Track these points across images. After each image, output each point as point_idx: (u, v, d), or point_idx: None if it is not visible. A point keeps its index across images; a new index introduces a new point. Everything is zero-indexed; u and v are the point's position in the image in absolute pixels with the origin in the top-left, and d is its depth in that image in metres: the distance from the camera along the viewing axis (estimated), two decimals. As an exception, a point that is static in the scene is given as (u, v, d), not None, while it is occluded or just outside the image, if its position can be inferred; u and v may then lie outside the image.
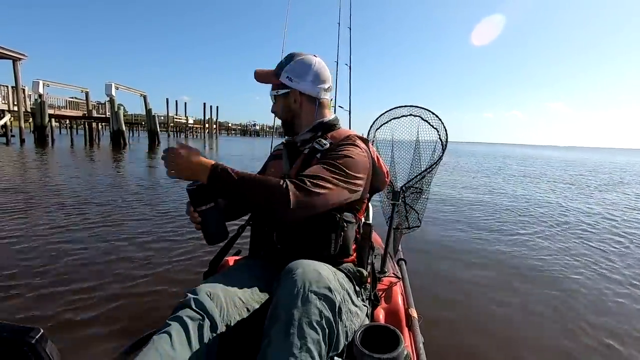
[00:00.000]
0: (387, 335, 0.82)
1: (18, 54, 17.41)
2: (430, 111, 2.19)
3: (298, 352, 0.72)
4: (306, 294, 0.77)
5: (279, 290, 0.80)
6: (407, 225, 2.05)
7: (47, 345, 0.48)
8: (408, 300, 1.34)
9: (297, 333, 0.74)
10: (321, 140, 1.13)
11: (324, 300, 0.79)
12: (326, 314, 0.78)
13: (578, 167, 18.00)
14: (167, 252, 3.04)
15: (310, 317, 0.75)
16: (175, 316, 0.80)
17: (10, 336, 0.46)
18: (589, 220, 5.09)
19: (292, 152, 1.19)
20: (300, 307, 0.76)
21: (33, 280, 2.37)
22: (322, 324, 0.77)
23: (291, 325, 0.74)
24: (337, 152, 1.04)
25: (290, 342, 0.73)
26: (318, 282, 0.80)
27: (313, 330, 0.75)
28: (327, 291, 0.80)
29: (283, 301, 0.78)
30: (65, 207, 4.52)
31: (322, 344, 0.76)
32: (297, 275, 0.80)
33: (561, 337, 2.01)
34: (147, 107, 24.94)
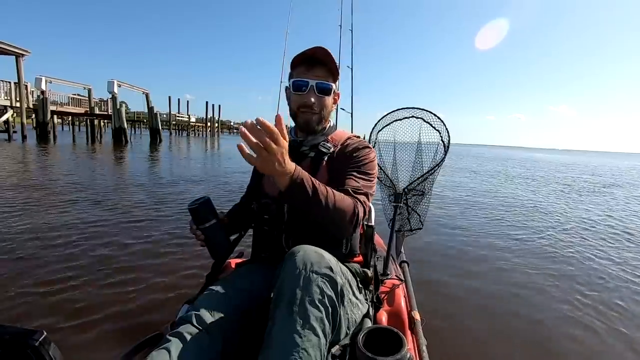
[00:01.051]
0: (390, 338, 0.81)
1: (21, 50, 17.43)
2: (432, 113, 2.19)
3: (301, 330, 0.73)
4: (308, 274, 0.78)
5: (282, 273, 0.81)
6: (409, 227, 2.05)
7: (50, 348, 0.48)
8: (411, 302, 1.33)
9: (300, 311, 0.75)
10: (325, 143, 1.10)
11: (325, 279, 0.80)
12: (328, 292, 0.79)
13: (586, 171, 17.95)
14: (173, 253, 3.05)
15: (313, 295, 0.76)
16: (175, 332, 0.79)
17: (13, 339, 0.46)
18: (597, 227, 5.06)
19: (294, 155, 1.12)
20: (302, 286, 0.77)
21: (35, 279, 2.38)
22: (325, 302, 0.77)
23: (294, 304, 0.75)
24: (363, 160, 1.06)
25: (293, 320, 0.74)
26: (319, 263, 0.81)
27: (315, 308, 0.76)
28: (328, 271, 0.81)
29: (285, 282, 0.79)
30: (58, 203, 4.53)
31: (325, 322, 0.77)
32: (299, 257, 0.81)
33: (566, 343, 2.00)
34: (149, 104, 24.99)
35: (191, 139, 32.32)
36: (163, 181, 7.09)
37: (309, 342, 0.73)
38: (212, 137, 42.04)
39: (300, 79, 1.06)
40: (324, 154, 1.08)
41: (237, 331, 0.86)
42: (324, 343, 0.77)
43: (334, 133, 1.16)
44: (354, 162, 1.06)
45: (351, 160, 1.07)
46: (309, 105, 1.06)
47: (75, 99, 23.34)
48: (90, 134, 21.62)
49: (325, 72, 1.07)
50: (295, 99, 1.09)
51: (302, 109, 1.09)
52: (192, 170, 9.45)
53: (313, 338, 0.74)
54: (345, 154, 1.10)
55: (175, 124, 41.31)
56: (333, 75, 1.10)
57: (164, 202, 5.00)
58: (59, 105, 21.31)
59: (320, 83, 1.06)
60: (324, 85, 1.07)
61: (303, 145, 1.12)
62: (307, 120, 1.09)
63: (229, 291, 0.93)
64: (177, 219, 4.09)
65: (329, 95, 1.09)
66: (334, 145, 1.11)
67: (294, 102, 1.10)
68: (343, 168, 1.06)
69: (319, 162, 1.07)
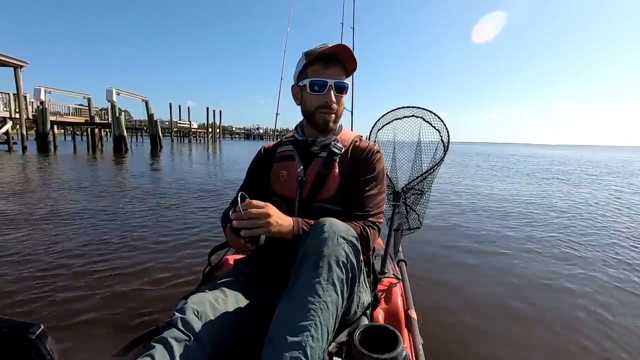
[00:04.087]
0: (386, 336, 0.82)
1: (19, 62, 17.54)
2: (432, 112, 2.19)
3: (325, 283, 0.77)
4: (335, 237, 0.82)
5: (309, 236, 0.84)
6: (408, 226, 2.05)
7: (47, 341, 0.48)
8: (408, 301, 1.33)
9: (326, 267, 0.78)
10: (336, 143, 1.11)
11: (351, 245, 0.83)
12: (352, 258, 0.83)
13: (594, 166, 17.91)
14: (174, 250, 3.09)
15: (338, 256, 0.80)
16: (159, 338, 0.75)
17: (10, 332, 0.46)
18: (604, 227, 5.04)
19: (303, 154, 1.13)
20: (330, 246, 0.80)
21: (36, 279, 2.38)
22: (347, 266, 0.81)
23: (320, 261, 0.79)
24: (374, 168, 1.10)
25: (318, 274, 0.77)
26: (347, 232, 0.85)
27: (339, 268, 0.79)
28: (354, 239, 0.85)
29: (313, 243, 0.82)
30: (54, 212, 4.54)
31: (344, 285, 0.80)
32: (327, 224, 0.85)
33: (567, 341, 1.99)
34: (149, 112, 25.12)
35: (192, 145, 32.44)
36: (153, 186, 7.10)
37: (329, 297, 0.77)
38: (214, 142, 42.18)
39: (320, 79, 1.03)
40: (336, 154, 1.09)
41: (226, 337, 0.84)
42: (340, 304, 0.80)
43: (342, 133, 1.16)
44: (366, 172, 1.08)
45: (363, 168, 1.09)
46: (329, 105, 1.05)
47: (76, 108, 23.47)
48: (90, 143, 21.70)
49: (340, 69, 1.06)
50: (313, 99, 1.07)
51: (321, 110, 1.07)
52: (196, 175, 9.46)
53: (333, 295, 0.77)
54: (356, 159, 1.11)
55: (177, 130, 41.52)
56: (347, 73, 1.08)
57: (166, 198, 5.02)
58: (59, 116, 21.41)
59: (338, 82, 1.05)
60: (342, 84, 1.06)
61: (314, 145, 1.12)
62: (325, 120, 1.08)
63: (221, 293, 0.90)
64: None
65: (346, 94, 1.10)
66: (344, 145, 1.12)
67: (312, 102, 1.07)
68: (354, 175, 1.08)
69: (331, 163, 1.08)
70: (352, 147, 1.13)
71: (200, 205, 5.33)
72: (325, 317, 0.75)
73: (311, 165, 1.09)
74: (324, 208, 1.04)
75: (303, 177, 1.07)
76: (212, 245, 1.17)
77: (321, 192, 1.06)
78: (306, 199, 1.06)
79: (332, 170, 1.07)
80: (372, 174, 1.08)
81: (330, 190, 1.05)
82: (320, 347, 0.73)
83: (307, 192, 1.06)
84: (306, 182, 1.07)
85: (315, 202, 1.05)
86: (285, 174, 1.10)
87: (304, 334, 0.72)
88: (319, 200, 1.05)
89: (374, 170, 1.09)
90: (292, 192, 1.08)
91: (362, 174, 1.08)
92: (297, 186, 1.07)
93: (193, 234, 3.73)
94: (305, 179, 1.07)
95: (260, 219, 0.82)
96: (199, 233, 3.78)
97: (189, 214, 4.71)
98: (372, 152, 1.12)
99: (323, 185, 1.06)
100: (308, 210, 1.04)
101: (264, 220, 0.83)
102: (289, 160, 1.12)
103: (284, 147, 1.17)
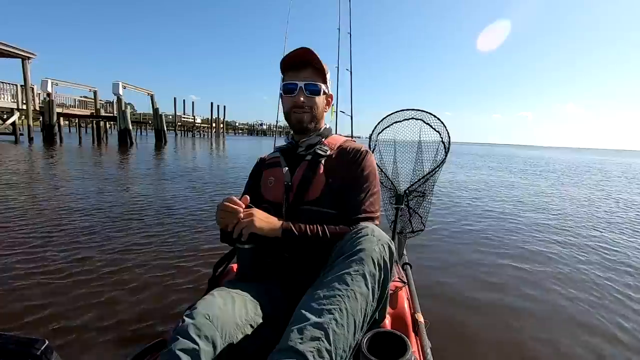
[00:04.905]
0: (394, 342, 0.79)
1: (27, 53, 17.61)
2: (432, 114, 2.19)
3: (355, 274, 0.77)
4: (371, 237, 0.83)
5: (346, 236, 0.87)
6: (411, 228, 2.05)
7: (52, 357, 0.49)
8: (414, 305, 1.32)
9: (358, 260, 0.79)
10: (322, 146, 1.13)
11: (385, 247, 0.84)
12: (385, 258, 0.83)
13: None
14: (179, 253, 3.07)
15: (371, 253, 0.80)
16: (169, 350, 0.73)
17: (15, 348, 0.47)
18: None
19: (290, 159, 1.16)
20: (363, 243, 0.81)
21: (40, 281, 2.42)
22: (381, 264, 0.81)
23: (353, 255, 0.80)
24: (363, 170, 1.09)
25: (348, 265, 0.78)
26: (382, 235, 0.86)
27: (372, 264, 0.80)
28: (389, 242, 0.86)
29: (349, 240, 0.84)
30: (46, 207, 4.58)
31: (376, 282, 0.80)
32: (366, 226, 0.87)
33: (575, 346, 1.98)
34: (154, 106, 25.13)
35: (196, 140, 32.42)
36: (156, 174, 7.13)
37: (358, 288, 0.76)
38: (218, 137, 42.21)
39: (290, 82, 1.10)
40: (321, 156, 1.10)
41: (238, 337, 0.83)
42: (370, 301, 0.78)
43: (330, 137, 1.18)
44: (356, 173, 1.08)
45: (352, 168, 1.09)
46: (300, 105, 1.10)
47: (82, 101, 23.56)
48: (96, 136, 21.79)
49: (312, 73, 1.11)
50: (286, 101, 1.13)
51: (293, 109, 1.12)
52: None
53: (363, 287, 0.77)
54: (344, 160, 1.11)
55: (181, 125, 41.56)
56: (322, 76, 1.13)
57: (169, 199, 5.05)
58: (65, 108, 21.51)
59: (308, 84, 1.10)
60: (312, 86, 1.10)
61: (299, 147, 1.16)
62: (299, 119, 1.12)
63: (229, 296, 0.89)
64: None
65: (319, 96, 1.12)
66: (330, 148, 1.13)
67: (286, 104, 1.14)
68: (343, 176, 1.08)
69: (316, 165, 1.09)
70: (340, 149, 1.14)
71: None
72: (353, 306, 0.74)
73: (297, 170, 1.11)
74: (312, 211, 1.05)
75: (289, 181, 1.10)
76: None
77: (307, 194, 1.07)
78: (292, 203, 1.07)
79: (317, 173, 1.08)
80: (362, 175, 1.08)
81: (316, 192, 1.06)
82: (345, 337, 0.71)
83: (293, 195, 1.08)
84: (292, 186, 1.09)
85: (302, 205, 1.07)
86: (273, 179, 1.14)
87: (327, 316, 0.71)
88: (306, 203, 1.06)
89: (363, 171, 1.09)
90: (278, 197, 1.10)
91: (352, 175, 1.08)
92: (284, 191, 1.10)
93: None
94: (290, 182, 1.10)
95: (234, 213, 0.91)
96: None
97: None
98: (359, 153, 1.12)
99: (308, 188, 1.07)
100: (295, 213, 1.05)
101: (247, 219, 0.91)
102: (276, 167, 1.16)
103: (273, 155, 1.23)
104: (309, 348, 0.66)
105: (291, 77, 1.11)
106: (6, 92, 17.07)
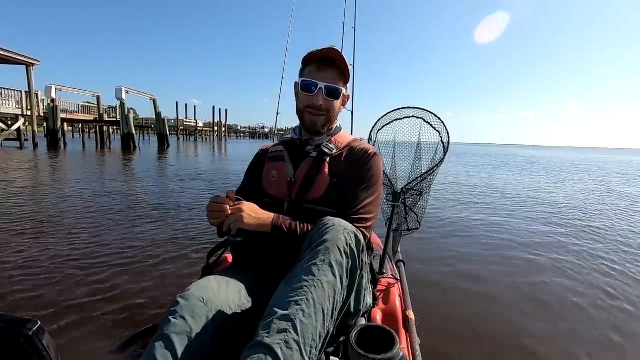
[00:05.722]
0: (383, 336, 0.81)
1: (31, 60, 17.76)
2: (432, 113, 2.19)
3: (320, 264, 0.77)
4: (336, 227, 0.84)
5: (313, 228, 0.87)
6: (407, 227, 2.05)
7: (44, 338, 0.50)
8: (406, 302, 1.32)
9: (323, 250, 0.79)
10: (328, 144, 1.10)
11: (352, 235, 0.85)
12: (352, 245, 0.83)
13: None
14: (175, 247, 3.11)
15: (336, 241, 0.81)
16: (161, 332, 0.75)
17: (7, 327, 0.47)
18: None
19: (294, 154, 1.13)
20: (329, 233, 0.82)
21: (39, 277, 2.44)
22: (347, 252, 0.82)
23: (319, 245, 0.80)
24: (369, 172, 1.07)
25: (314, 256, 0.79)
26: (347, 225, 0.87)
27: (338, 252, 0.80)
28: (355, 231, 0.87)
29: (316, 232, 0.84)
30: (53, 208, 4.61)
31: (344, 270, 0.80)
32: (331, 218, 0.88)
33: (568, 344, 1.98)
34: (157, 110, 25.28)
35: (199, 144, 32.57)
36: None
37: (325, 277, 0.76)
38: (220, 141, 42.34)
39: (310, 80, 1.05)
40: (326, 154, 1.08)
41: (230, 319, 0.85)
42: (339, 289, 0.79)
43: (338, 135, 1.15)
44: (362, 175, 1.06)
45: (358, 170, 1.07)
46: (316, 107, 1.06)
47: (85, 106, 23.73)
48: (99, 141, 21.94)
49: (335, 74, 1.06)
50: (303, 98, 1.09)
51: (308, 109, 1.08)
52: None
53: (330, 275, 0.77)
54: (351, 161, 1.09)
55: (183, 129, 41.75)
56: (344, 78, 1.09)
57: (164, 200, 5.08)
58: (69, 113, 21.67)
59: (329, 86, 1.05)
60: (333, 88, 1.06)
61: (308, 145, 1.13)
62: (313, 122, 1.09)
63: (222, 280, 0.91)
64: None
65: (338, 99, 1.09)
66: (337, 147, 1.10)
67: (302, 101, 1.10)
68: (348, 177, 1.06)
69: (320, 163, 1.07)
70: (348, 149, 1.11)
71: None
72: (320, 295, 0.74)
73: (301, 166, 1.09)
74: (314, 210, 1.03)
75: (292, 177, 1.08)
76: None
77: (310, 192, 1.05)
78: (295, 200, 1.06)
79: (322, 171, 1.06)
80: (367, 178, 1.06)
81: (319, 191, 1.05)
82: (313, 327, 0.71)
83: (295, 192, 1.06)
84: (295, 183, 1.07)
85: (304, 203, 1.05)
86: (276, 174, 1.12)
87: (294, 307, 0.71)
88: (308, 201, 1.05)
89: (369, 174, 1.07)
90: (281, 193, 1.08)
91: (357, 176, 1.06)
92: (287, 186, 1.08)
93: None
94: (294, 179, 1.07)
95: (221, 212, 0.90)
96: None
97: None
98: (368, 155, 1.09)
99: (312, 186, 1.05)
100: (297, 211, 1.04)
101: (235, 214, 0.90)
102: (280, 161, 1.13)
103: (277, 148, 1.18)
104: (276, 340, 0.66)
105: (312, 73, 1.06)
106: (11, 98, 17.21)
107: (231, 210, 0.91)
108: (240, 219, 0.91)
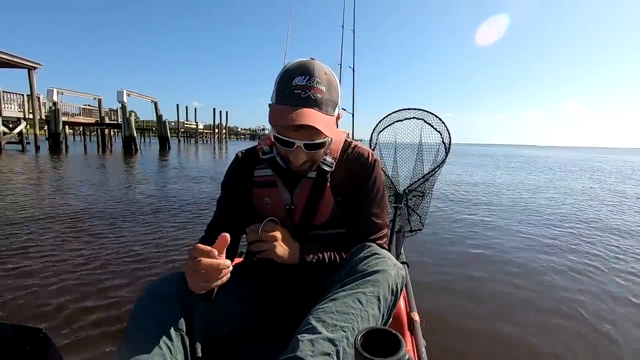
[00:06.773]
0: (388, 339, 0.80)
1: (33, 63, 17.84)
2: (433, 114, 2.19)
3: (369, 294, 0.75)
4: (387, 262, 0.82)
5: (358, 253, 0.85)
6: (410, 228, 2.05)
7: (49, 346, 0.50)
8: (410, 303, 1.31)
9: (373, 281, 0.77)
10: (326, 158, 0.94)
11: (400, 272, 0.83)
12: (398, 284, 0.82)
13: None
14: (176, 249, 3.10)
15: (388, 277, 0.79)
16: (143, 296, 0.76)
17: (13, 337, 0.47)
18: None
19: (286, 177, 0.95)
20: (381, 265, 0.80)
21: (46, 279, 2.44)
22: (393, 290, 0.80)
23: (369, 275, 0.78)
24: (375, 182, 0.98)
25: (363, 284, 0.77)
26: (396, 261, 0.85)
27: (388, 288, 0.78)
28: (402, 267, 0.86)
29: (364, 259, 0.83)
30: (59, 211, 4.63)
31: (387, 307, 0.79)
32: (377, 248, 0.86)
33: (573, 345, 1.96)
34: (158, 113, 25.36)
35: (199, 146, 32.63)
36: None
37: (371, 310, 0.75)
38: (220, 143, 42.41)
39: (285, 139, 0.83)
40: (326, 172, 0.94)
41: (212, 317, 0.84)
42: (379, 324, 0.77)
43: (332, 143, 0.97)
44: (366, 185, 0.97)
45: (360, 180, 0.97)
46: (299, 163, 0.87)
47: (86, 109, 23.82)
48: (101, 144, 22.02)
49: (317, 131, 0.80)
50: (280, 149, 0.89)
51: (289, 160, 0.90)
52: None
53: (376, 309, 0.75)
54: (350, 170, 0.97)
55: (184, 131, 41.86)
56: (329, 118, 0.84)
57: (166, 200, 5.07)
58: (70, 116, 21.75)
59: (308, 144, 0.84)
60: (314, 146, 0.86)
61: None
62: (298, 171, 0.92)
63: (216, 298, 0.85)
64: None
65: (323, 147, 0.89)
66: (333, 157, 0.95)
67: (280, 151, 0.90)
68: (351, 188, 0.97)
69: (322, 185, 0.94)
70: (344, 157, 0.98)
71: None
72: (363, 327, 0.70)
73: (299, 189, 0.94)
74: (325, 235, 0.98)
75: (291, 204, 0.94)
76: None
77: (315, 218, 0.95)
78: (298, 226, 0.96)
79: (324, 194, 0.94)
80: (373, 190, 0.98)
81: (324, 216, 0.95)
82: (351, 357, 0.68)
83: (298, 219, 0.96)
84: (295, 209, 0.95)
85: (310, 229, 0.97)
86: (269, 201, 0.96)
87: (340, 333, 0.69)
88: (314, 227, 0.97)
89: (374, 186, 0.98)
90: (280, 220, 0.95)
91: (363, 190, 0.97)
92: (286, 214, 0.95)
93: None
94: (293, 206, 0.94)
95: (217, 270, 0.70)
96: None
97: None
98: (369, 164, 0.98)
99: (316, 211, 0.95)
100: (304, 238, 0.96)
101: (269, 244, 0.87)
102: (271, 187, 0.96)
103: (264, 172, 0.97)
104: None
105: (285, 129, 0.82)
106: (13, 102, 17.29)
107: (263, 237, 0.87)
108: (273, 251, 0.87)
